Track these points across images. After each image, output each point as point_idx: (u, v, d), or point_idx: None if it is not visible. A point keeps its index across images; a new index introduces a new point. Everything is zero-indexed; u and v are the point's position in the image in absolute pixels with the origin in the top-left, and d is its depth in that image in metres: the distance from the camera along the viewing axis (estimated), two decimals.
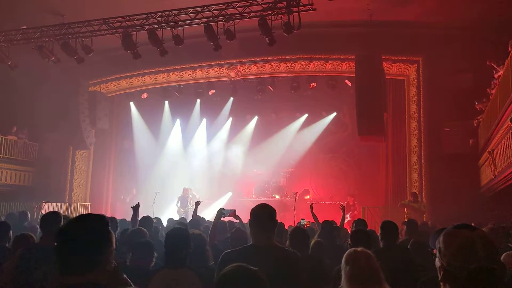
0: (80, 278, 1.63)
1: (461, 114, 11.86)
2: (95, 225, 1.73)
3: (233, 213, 4.82)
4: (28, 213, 7.63)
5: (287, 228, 5.97)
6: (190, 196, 13.58)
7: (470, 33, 11.09)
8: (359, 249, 2.61)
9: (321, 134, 14.93)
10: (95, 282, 1.65)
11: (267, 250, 2.71)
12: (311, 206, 7.36)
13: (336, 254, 4.48)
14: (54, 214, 3.78)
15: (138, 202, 5.86)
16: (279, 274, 2.48)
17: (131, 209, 5.70)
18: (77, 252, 1.65)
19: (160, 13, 10.66)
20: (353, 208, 12.51)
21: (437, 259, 1.54)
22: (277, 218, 2.90)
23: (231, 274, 1.74)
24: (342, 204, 7.64)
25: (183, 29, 10.64)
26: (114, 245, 1.75)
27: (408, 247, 4.28)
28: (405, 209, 11.16)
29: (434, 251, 1.63)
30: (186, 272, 3.11)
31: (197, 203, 6.83)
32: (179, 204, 13.50)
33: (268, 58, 13.40)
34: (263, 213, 2.82)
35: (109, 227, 1.76)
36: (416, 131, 12.59)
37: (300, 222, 8.11)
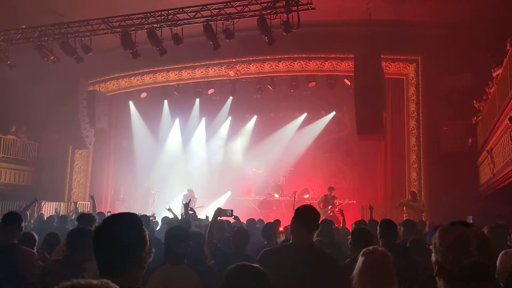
0: (123, 278, 1.60)
1: (460, 113, 11.87)
2: (133, 224, 1.71)
3: (231, 213, 4.86)
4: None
5: None
6: (196, 196, 13.41)
7: (469, 32, 11.09)
8: (380, 248, 2.66)
9: (320, 133, 14.95)
10: (135, 283, 1.64)
11: (308, 249, 2.76)
12: None
13: (334, 251, 4.50)
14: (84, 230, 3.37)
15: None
16: (318, 274, 2.55)
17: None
18: (118, 251, 1.63)
19: (159, 12, 10.66)
20: (332, 202, 12.07)
21: (433, 254, 1.58)
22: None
23: (234, 272, 1.78)
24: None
25: (182, 28, 10.64)
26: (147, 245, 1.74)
27: (407, 245, 4.29)
28: (404, 208, 11.18)
29: (431, 247, 1.66)
30: (185, 269, 3.15)
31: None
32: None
33: (267, 57, 13.40)
34: (309, 214, 2.87)
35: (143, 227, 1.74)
36: (415, 130, 12.59)
37: None
